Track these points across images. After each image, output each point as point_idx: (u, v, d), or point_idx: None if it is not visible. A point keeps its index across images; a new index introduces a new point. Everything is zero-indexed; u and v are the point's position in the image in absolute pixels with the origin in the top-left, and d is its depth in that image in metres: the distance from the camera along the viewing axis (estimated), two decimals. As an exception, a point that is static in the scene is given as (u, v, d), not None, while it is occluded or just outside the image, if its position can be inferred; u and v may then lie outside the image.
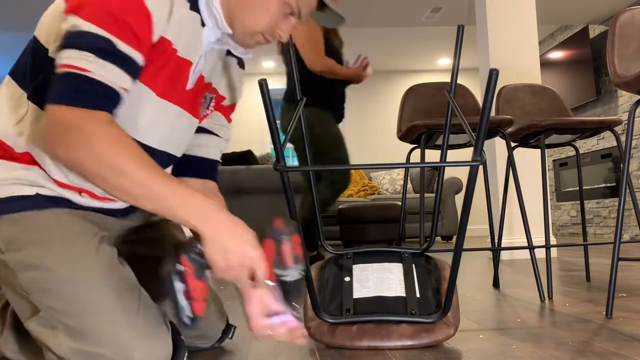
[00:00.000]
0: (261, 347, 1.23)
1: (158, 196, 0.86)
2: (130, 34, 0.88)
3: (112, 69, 0.87)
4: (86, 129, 0.84)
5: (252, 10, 1.00)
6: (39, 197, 0.95)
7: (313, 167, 1.04)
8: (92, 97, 0.86)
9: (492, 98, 0.90)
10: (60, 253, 0.91)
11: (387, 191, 6.46)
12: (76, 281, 0.90)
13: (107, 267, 0.93)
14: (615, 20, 1.54)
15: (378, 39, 6.30)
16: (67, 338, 0.89)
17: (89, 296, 0.89)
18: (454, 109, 1.17)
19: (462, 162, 0.97)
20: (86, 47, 0.85)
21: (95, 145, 0.84)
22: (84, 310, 0.89)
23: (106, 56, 0.86)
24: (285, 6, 1.01)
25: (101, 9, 0.87)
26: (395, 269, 1.28)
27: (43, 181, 0.96)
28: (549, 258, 1.83)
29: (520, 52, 3.70)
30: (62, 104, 0.84)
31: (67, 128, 0.84)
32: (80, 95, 0.85)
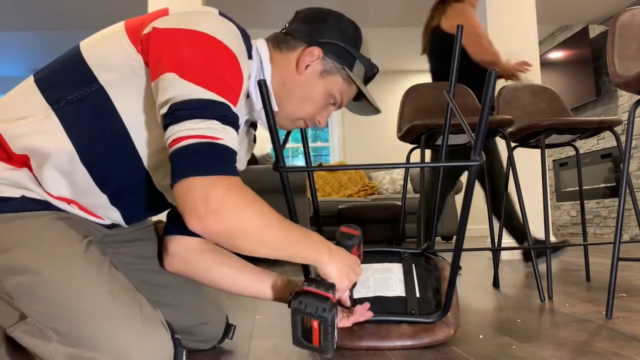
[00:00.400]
0: (261, 347, 1.23)
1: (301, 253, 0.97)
2: (235, 98, 0.92)
3: (232, 133, 0.90)
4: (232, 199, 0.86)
5: (299, 98, 1.07)
6: (24, 199, 0.94)
7: (312, 168, 1.04)
8: (231, 165, 0.88)
9: (491, 98, 0.90)
10: (48, 256, 0.89)
11: (387, 191, 6.46)
12: (67, 284, 0.87)
13: (99, 269, 0.91)
14: (615, 20, 1.54)
15: (378, 39, 6.30)
16: (60, 343, 0.86)
17: (82, 299, 0.87)
18: (453, 109, 1.17)
19: (461, 162, 0.97)
20: (211, 116, 0.87)
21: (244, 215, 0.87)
22: (77, 314, 0.86)
23: (227, 122, 0.89)
24: (330, 98, 1.09)
25: (213, 73, 0.89)
26: (395, 269, 1.28)
27: (30, 184, 0.95)
28: (549, 258, 1.83)
29: (520, 52, 3.70)
30: (201, 175, 0.85)
31: (213, 198, 0.84)
32: (219, 163, 0.86)
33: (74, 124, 0.95)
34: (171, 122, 0.87)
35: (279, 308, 1.78)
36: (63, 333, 0.86)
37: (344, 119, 7.41)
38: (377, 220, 5.18)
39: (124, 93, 0.96)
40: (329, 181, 6.46)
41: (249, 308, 1.81)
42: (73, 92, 0.95)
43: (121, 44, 0.96)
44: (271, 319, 1.59)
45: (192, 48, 0.90)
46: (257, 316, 1.65)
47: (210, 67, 0.89)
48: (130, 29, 0.97)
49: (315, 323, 0.95)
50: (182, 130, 0.86)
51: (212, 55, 0.90)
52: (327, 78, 1.07)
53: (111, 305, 0.88)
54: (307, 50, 1.05)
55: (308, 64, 1.06)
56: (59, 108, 0.95)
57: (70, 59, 0.98)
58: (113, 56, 0.95)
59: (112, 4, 4.65)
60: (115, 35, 0.97)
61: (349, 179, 6.52)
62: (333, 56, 1.06)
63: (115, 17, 4.90)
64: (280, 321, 1.54)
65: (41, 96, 0.96)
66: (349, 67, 1.08)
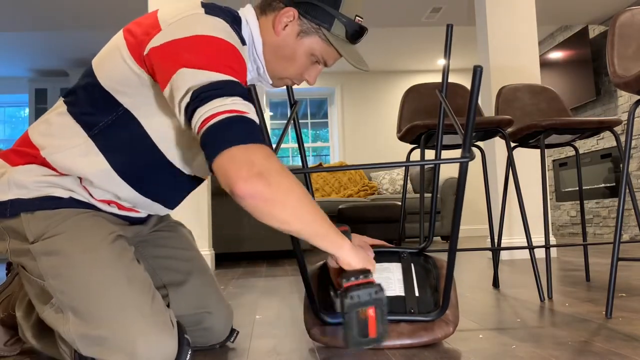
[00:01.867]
0: (261, 347, 1.23)
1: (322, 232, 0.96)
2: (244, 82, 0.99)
3: (253, 108, 0.96)
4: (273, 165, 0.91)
5: (282, 59, 1.12)
6: (72, 200, 1.04)
7: (307, 170, 1.04)
8: (259, 135, 0.93)
9: (477, 95, 0.91)
10: (78, 242, 0.98)
11: (387, 191, 6.46)
12: (89, 267, 0.95)
13: (121, 259, 0.99)
14: (615, 20, 1.54)
15: (378, 39, 6.30)
16: (74, 322, 0.93)
17: (99, 282, 0.94)
18: (445, 109, 1.17)
19: (453, 159, 0.97)
20: (233, 93, 0.93)
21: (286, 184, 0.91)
22: (93, 294, 0.93)
23: (246, 98, 0.95)
24: (312, 57, 1.13)
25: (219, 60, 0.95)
26: (394, 269, 1.28)
27: (77, 188, 1.06)
28: (549, 258, 1.83)
29: (520, 52, 3.70)
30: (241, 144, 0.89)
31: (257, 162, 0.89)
32: (253, 134, 0.91)
33: (110, 146, 1.05)
34: (197, 105, 0.91)
35: (279, 308, 1.78)
36: (79, 312, 0.93)
37: (344, 119, 7.41)
38: (377, 220, 5.18)
39: (147, 112, 1.04)
40: (329, 181, 6.45)
41: (249, 308, 1.81)
42: (103, 118, 1.05)
43: (128, 65, 1.02)
44: (271, 319, 1.59)
45: (194, 49, 0.95)
46: (257, 316, 1.65)
47: (216, 57, 0.94)
48: (131, 45, 1.03)
49: (371, 310, 0.96)
50: (211, 110, 0.90)
51: (214, 49, 0.95)
52: (305, 39, 1.10)
53: (125, 292, 0.95)
54: (282, 12, 1.09)
55: (285, 24, 1.09)
56: (94, 135, 1.05)
57: (90, 84, 1.06)
58: (126, 79, 1.03)
59: (112, 4, 4.64)
60: (119, 53, 1.04)
61: (349, 179, 6.52)
62: (309, 17, 1.08)
63: (115, 16, 4.90)
64: (280, 321, 1.54)
65: (76, 123, 1.06)
66: (327, 27, 1.09)
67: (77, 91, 1.08)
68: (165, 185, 1.13)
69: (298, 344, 1.25)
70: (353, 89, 7.49)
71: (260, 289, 2.33)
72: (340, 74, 7.48)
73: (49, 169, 1.06)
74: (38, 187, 1.04)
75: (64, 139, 1.06)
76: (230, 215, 4.14)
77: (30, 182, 1.04)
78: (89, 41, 5.92)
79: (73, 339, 0.93)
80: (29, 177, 1.04)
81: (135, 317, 0.92)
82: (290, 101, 1.32)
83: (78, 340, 0.92)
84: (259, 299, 2.00)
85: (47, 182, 1.04)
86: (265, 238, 4.13)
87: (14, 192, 1.04)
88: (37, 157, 1.06)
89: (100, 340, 0.91)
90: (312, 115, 7.79)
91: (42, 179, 1.04)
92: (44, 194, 1.03)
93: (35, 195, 1.03)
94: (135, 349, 0.90)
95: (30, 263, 1.00)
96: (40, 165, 1.06)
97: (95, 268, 0.96)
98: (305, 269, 1.17)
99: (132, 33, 1.04)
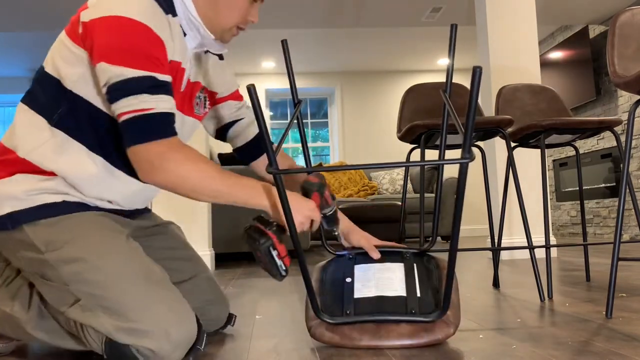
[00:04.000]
0: (261, 346, 1.23)
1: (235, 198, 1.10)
2: (160, 65, 1.07)
3: (163, 98, 1.06)
4: (170, 158, 1.04)
5: (224, 9, 1.19)
6: (65, 203, 1.10)
7: (307, 169, 1.04)
8: (164, 128, 1.05)
9: (477, 95, 0.90)
10: (95, 247, 1.06)
11: (387, 191, 6.46)
12: (111, 270, 1.04)
13: (136, 257, 1.09)
14: (615, 20, 1.54)
15: (378, 39, 6.30)
16: (106, 318, 1.02)
17: (124, 282, 1.03)
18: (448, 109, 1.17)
19: (453, 159, 0.97)
20: (139, 91, 1.03)
21: (182, 171, 1.05)
22: (121, 293, 1.02)
23: (155, 90, 1.05)
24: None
25: (132, 52, 1.03)
26: (396, 269, 1.28)
27: (67, 189, 1.11)
28: (549, 258, 1.83)
29: (520, 52, 3.70)
30: (142, 143, 1.03)
31: (155, 161, 1.03)
32: (154, 130, 1.04)
33: (73, 130, 1.12)
34: (111, 101, 1.04)
35: (279, 308, 1.78)
36: (110, 309, 1.02)
37: (344, 119, 7.41)
38: (377, 220, 5.18)
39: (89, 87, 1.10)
40: (329, 181, 6.46)
41: (249, 308, 1.81)
42: (58, 104, 1.12)
43: (66, 46, 1.10)
44: (271, 319, 1.59)
45: (112, 34, 1.04)
46: (257, 316, 1.65)
47: (130, 47, 1.03)
48: (69, 30, 1.11)
49: (258, 252, 1.12)
50: (120, 108, 1.04)
51: (128, 35, 1.04)
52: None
53: (149, 288, 1.05)
54: None
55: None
56: (55, 123, 1.12)
57: (41, 78, 1.14)
58: (65, 60, 1.10)
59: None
60: (60, 42, 1.13)
61: (349, 179, 6.52)
62: None
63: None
64: (280, 321, 1.54)
65: (35, 114, 1.13)
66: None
67: (32, 90, 1.16)
68: None
69: (298, 344, 1.25)
70: (353, 89, 7.49)
71: (260, 289, 2.33)
72: (341, 74, 7.49)
73: (34, 174, 1.10)
74: (29, 197, 1.08)
75: (31, 134, 1.11)
76: (230, 215, 4.14)
77: (20, 193, 1.08)
78: (89, 41, 5.91)
79: (109, 331, 1.02)
80: (18, 187, 1.08)
81: (164, 310, 1.03)
82: (294, 100, 1.32)
83: (114, 332, 1.01)
84: (259, 299, 2.00)
85: (37, 190, 1.09)
86: (265, 238, 4.13)
87: (7, 205, 1.08)
88: (17, 161, 1.11)
89: (135, 331, 1.01)
90: (312, 115, 7.79)
91: (30, 187, 1.09)
92: (38, 203, 1.08)
93: (29, 205, 1.08)
94: (169, 336, 1.02)
95: (51, 272, 1.06)
96: (25, 173, 1.10)
97: (116, 269, 1.05)
98: (305, 269, 1.17)
99: (70, 22, 1.13)
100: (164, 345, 1.01)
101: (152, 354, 1.01)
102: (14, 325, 1.18)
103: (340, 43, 6.38)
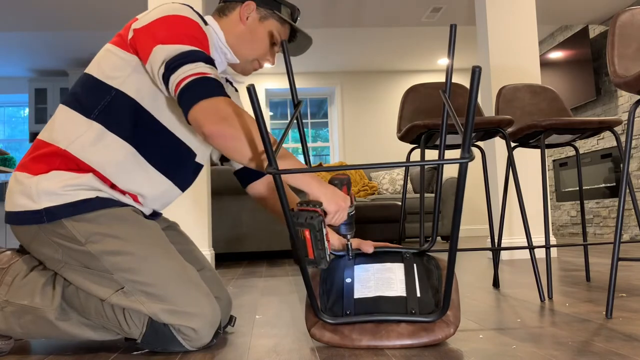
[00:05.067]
0: (261, 347, 1.23)
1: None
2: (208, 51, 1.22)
3: (215, 70, 1.19)
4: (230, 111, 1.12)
5: (250, 42, 1.40)
6: (99, 199, 1.20)
7: (305, 169, 1.04)
8: (221, 90, 1.15)
9: (476, 96, 0.90)
10: (138, 239, 1.19)
11: (387, 191, 6.46)
12: (154, 260, 1.18)
13: (170, 249, 1.23)
14: (615, 20, 1.54)
15: (378, 39, 6.30)
16: (148, 302, 1.16)
17: (165, 271, 1.18)
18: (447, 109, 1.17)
19: (453, 159, 0.97)
20: (197, 59, 1.16)
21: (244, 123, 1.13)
22: (162, 281, 1.16)
23: (209, 62, 1.18)
24: (271, 38, 1.42)
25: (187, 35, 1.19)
26: (396, 269, 1.28)
27: (100, 185, 1.22)
28: (549, 258, 1.83)
29: (520, 52, 3.70)
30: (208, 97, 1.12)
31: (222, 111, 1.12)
32: (215, 89, 1.14)
33: (112, 123, 1.23)
34: (170, 73, 1.15)
35: (279, 308, 1.78)
36: (153, 294, 1.16)
37: (344, 119, 7.41)
38: (377, 220, 5.18)
39: (134, 86, 1.24)
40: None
41: (249, 308, 1.81)
42: (100, 101, 1.23)
43: (115, 54, 1.25)
44: (271, 319, 1.59)
45: (165, 26, 1.20)
46: (257, 316, 1.65)
47: (182, 32, 1.19)
48: (117, 42, 1.26)
49: (307, 232, 1.11)
50: (180, 75, 1.14)
51: (181, 25, 1.20)
52: (265, 22, 1.40)
53: (186, 277, 1.19)
54: (244, 5, 1.39)
55: (248, 15, 1.39)
56: (95, 117, 1.23)
57: (84, 80, 1.26)
58: (113, 65, 1.24)
59: (112, 4, 4.64)
60: (106, 51, 1.26)
61: (349, 179, 6.52)
62: (263, 5, 1.40)
63: (115, 16, 4.90)
64: (280, 321, 1.54)
65: (75, 112, 1.24)
66: (277, 11, 1.40)
67: (74, 92, 1.27)
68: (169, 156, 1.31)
69: (298, 343, 1.25)
70: (353, 89, 7.48)
71: (260, 289, 2.33)
72: (340, 73, 7.48)
73: (70, 172, 1.20)
74: (67, 192, 1.18)
75: (71, 127, 1.22)
76: (230, 215, 4.14)
77: (58, 189, 1.18)
78: (89, 41, 5.92)
79: (154, 312, 1.16)
80: (56, 184, 1.18)
81: (202, 296, 1.19)
82: (294, 100, 1.32)
83: (160, 312, 1.16)
84: (259, 299, 2.00)
85: (73, 185, 1.19)
86: (265, 238, 4.13)
87: (45, 200, 1.18)
88: (57, 153, 1.21)
89: (179, 312, 1.16)
90: (312, 115, 7.79)
91: (68, 182, 1.18)
92: (74, 199, 1.18)
93: (66, 201, 1.18)
94: (207, 317, 1.18)
95: (94, 262, 1.18)
96: (60, 170, 1.20)
97: (158, 259, 1.18)
98: (305, 269, 1.17)
99: (118, 35, 1.28)
100: (205, 325, 1.17)
101: (194, 332, 1.17)
102: (35, 318, 1.21)
103: (340, 43, 6.38)
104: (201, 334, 1.18)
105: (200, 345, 1.20)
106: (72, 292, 1.22)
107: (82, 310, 1.21)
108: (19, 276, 1.25)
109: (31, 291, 1.23)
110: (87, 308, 1.21)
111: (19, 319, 1.22)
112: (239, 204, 4.15)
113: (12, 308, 1.22)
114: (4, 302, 1.23)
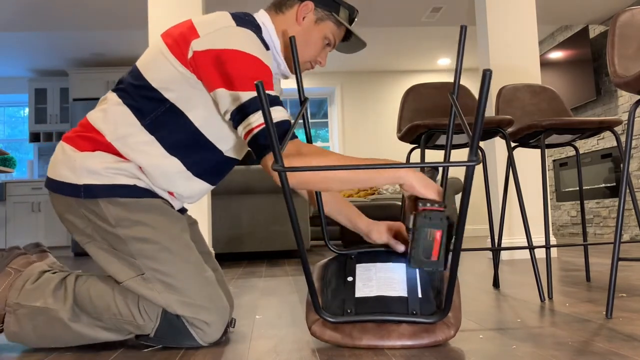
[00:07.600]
0: (261, 346, 1.23)
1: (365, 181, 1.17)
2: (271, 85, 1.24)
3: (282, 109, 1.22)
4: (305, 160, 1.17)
5: (303, 44, 1.38)
6: (137, 188, 1.25)
7: (311, 167, 1.04)
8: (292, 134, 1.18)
9: (486, 98, 0.89)
10: (165, 230, 1.23)
11: (387, 191, 6.46)
12: (176, 252, 1.22)
13: (192, 246, 1.27)
14: (615, 20, 1.54)
15: (378, 39, 6.30)
16: (164, 292, 1.19)
17: (185, 264, 1.22)
18: (456, 112, 1.17)
19: (459, 162, 0.97)
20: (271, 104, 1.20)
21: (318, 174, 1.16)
22: (182, 274, 1.21)
23: (275, 104, 1.21)
24: (325, 40, 1.40)
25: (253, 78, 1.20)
26: (398, 269, 1.28)
27: (139, 174, 1.27)
28: (549, 258, 1.83)
29: (520, 52, 3.70)
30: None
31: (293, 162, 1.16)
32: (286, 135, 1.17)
33: (162, 134, 1.28)
34: (240, 120, 1.20)
35: (279, 308, 1.78)
36: (171, 285, 1.20)
37: (344, 119, 7.41)
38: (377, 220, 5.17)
39: (189, 104, 1.27)
40: (329, 181, 6.45)
41: (249, 308, 1.81)
42: (153, 110, 1.27)
43: (171, 64, 1.25)
44: (271, 319, 1.59)
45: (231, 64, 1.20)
46: (257, 316, 1.65)
47: (251, 76, 1.20)
48: (172, 47, 1.26)
49: (438, 234, 1.07)
50: (250, 124, 1.19)
51: (250, 69, 1.20)
52: (321, 24, 1.37)
53: (203, 272, 1.24)
54: (302, 5, 1.36)
55: (304, 15, 1.36)
56: (147, 124, 1.27)
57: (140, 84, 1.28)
58: (171, 77, 1.26)
59: (112, 4, 4.64)
60: (162, 55, 1.27)
61: (349, 179, 6.52)
62: (322, 6, 1.37)
63: (115, 17, 4.90)
64: (280, 321, 1.54)
65: (131, 114, 1.27)
66: (336, 13, 1.37)
67: (126, 88, 1.30)
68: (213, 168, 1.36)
69: (298, 344, 1.25)
70: (353, 89, 7.48)
71: (260, 289, 2.33)
72: (340, 73, 7.48)
73: (114, 155, 1.25)
74: (108, 174, 1.23)
75: (123, 126, 1.26)
76: (230, 215, 4.14)
77: (101, 169, 1.23)
78: (89, 41, 5.92)
79: (169, 303, 1.19)
80: (99, 164, 1.23)
81: (216, 292, 1.24)
82: (300, 98, 1.32)
83: (174, 303, 1.19)
84: (259, 299, 2.00)
85: (115, 169, 1.23)
86: (265, 238, 4.13)
87: (86, 177, 1.22)
88: (102, 143, 1.25)
89: (194, 305, 1.20)
90: (312, 115, 7.79)
91: (111, 165, 1.23)
92: (113, 182, 1.22)
93: (106, 182, 1.22)
94: (219, 312, 1.23)
95: (120, 245, 1.22)
96: (106, 152, 1.25)
97: (181, 252, 1.23)
98: (307, 266, 1.17)
99: (170, 36, 1.27)
100: (217, 319, 1.22)
101: (206, 326, 1.20)
102: (48, 319, 1.22)
103: (340, 43, 6.37)
104: (213, 327, 1.21)
105: (211, 340, 1.22)
106: (83, 295, 1.23)
107: (94, 312, 1.22)
108: (29, 281, 1.27)
109: (43, 293, 1.24)
110: (99, 308, 1.22)
111: (32, 321, 1.22)
112: (238, 204, 4.15)
113: (25, 310, 1.23)
114: (16, 305, 1.24)
